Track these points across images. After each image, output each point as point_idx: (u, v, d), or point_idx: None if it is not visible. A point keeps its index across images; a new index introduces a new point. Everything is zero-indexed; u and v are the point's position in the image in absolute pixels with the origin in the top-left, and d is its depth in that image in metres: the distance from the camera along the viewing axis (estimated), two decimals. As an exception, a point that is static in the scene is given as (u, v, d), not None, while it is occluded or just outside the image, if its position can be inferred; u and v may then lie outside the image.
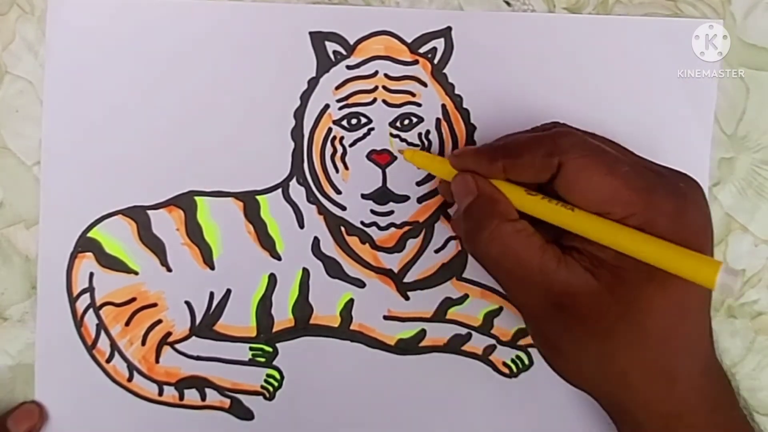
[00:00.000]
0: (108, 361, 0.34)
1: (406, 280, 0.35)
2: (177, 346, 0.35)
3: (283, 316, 0.35)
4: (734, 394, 0.30)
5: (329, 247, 0.35)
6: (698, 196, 0.28)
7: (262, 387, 0.35)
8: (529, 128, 0.32)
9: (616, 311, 0.27)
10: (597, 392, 0.29)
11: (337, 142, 0.34)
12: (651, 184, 0.27)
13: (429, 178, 0.34)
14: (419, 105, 0.34)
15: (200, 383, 0.35)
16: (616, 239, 0.26)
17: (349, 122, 0.34)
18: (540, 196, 0.28)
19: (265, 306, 0.35)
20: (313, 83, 0.34)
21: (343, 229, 0.35)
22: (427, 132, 0.34)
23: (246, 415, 0.35)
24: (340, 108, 0.34)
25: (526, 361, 0.35)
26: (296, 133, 0.34)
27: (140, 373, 0.34)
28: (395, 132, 0.34)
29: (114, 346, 0.34)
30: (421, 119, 0.34)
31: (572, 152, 0.27)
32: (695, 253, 0.25)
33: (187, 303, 0.35)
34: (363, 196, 0.34)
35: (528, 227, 0.28)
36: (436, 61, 0.34)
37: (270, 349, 0.35)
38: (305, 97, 0.34)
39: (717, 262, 0.25)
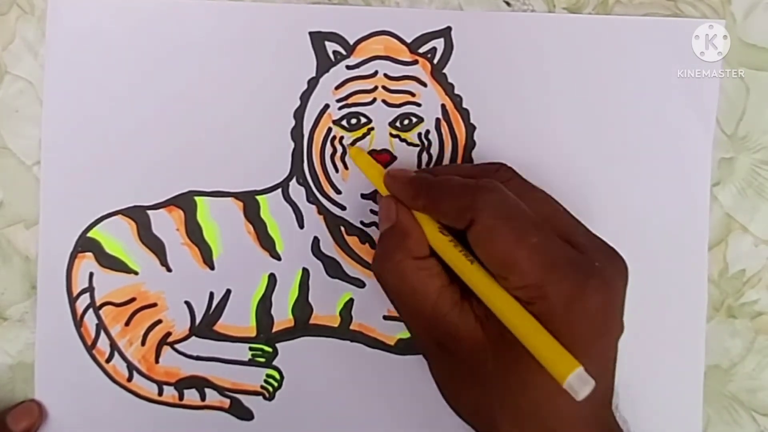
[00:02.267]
0: (108, 361, 0.34)
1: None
2: (177, 346, 0.35)
3: (282, 316, 0.35)
4: None
5: (329, 247, 0.35)
6: (612, 275, 0.27)
7: (262, 387, 0.35)
8: (476, 163, 0.33)
9: (494, 367, 0.27)
10: (477, 430, 0.29)
11: (336, 142, 0.34)
12: (555, 260, 0.26)
13: (429, 178, 0.34)
14: (419, 105, 0.34)
15: (200, 383, 0.35)
16: (495, 305, 0.26)
17: (348, 122, 0.34)
18: (449, 238, 0.28)
19: (264, 306, 0.35)
20: (313, 83, 0.34)
21: (343, 228, 0.35)
22: (427, 132, 0.34)
23: (246, 415, 0.35)
24: (340, 108, 0.34)
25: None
26: (296, 133, 0.34)
27: (140, 373, 0.34)
28: (395, 132, 0.34)
29: (114, 346, 0.34)
30: (420, 119, 0.34)
31: (485, 212, 0.27)
32: (557, 347, 0.25)
33: (187, 303, 0.35)
34: (363, 196, 0.34)
35: (434, 266, 0.28)
36: (435, 61, 0.34)
37: (270, 349, 0.35)
38: (305, 97, 0.34)
39: (574, 363, 0.24)
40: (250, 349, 0.35)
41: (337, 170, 0.34)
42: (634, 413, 0.35)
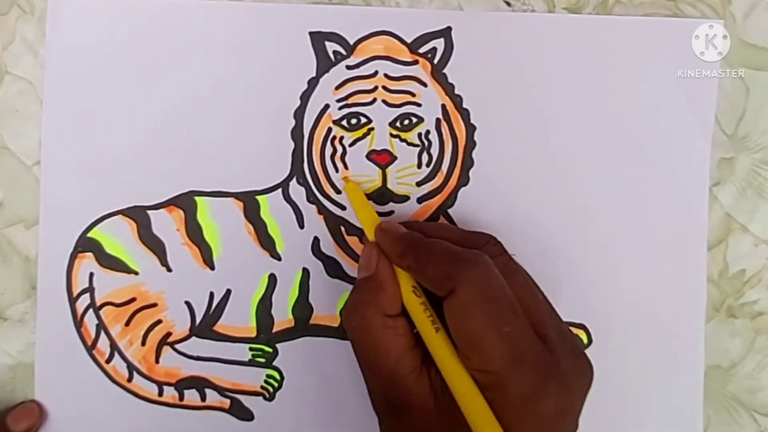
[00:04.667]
0: (108, 361, 0.34)
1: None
2: (177, 346, 0.35)
3: (283, 316, 0.35)
4: None
5: (329, 247, 0.35)
6: (573, 384, 0.27)
7: (262, 387, 0.35)
8: (466, 230, 0.32)
9: None
10: None
11: (337, 142, 0.34)
12: (522, 355, 0.26)
13: (429, 178, 0.34)
14: (419, 105, 0.34)
15: (200, 383, 0.35)
16: (450, 377, 0.26)
17: (348, 122, 0.34)
18: (421, 300, 0.28)
19: (265, 306, 0.35)
20: (313, 83, 0.34)
21: (343, 228, 0.35)
22: (427, 132, 0.34)
23: (246, 415, 0.35)
24: (340, 108, 0.34)
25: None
26: (296, 133, 0.34)
27: (140, 373, 0.34)
28: (395, 132, 0.34)
29: (114, 347, 0.34)
30: (421, 119, 0.34)
31: (466, 286, 0.26)
32: None
33: (187, 303, 0.35)
34: (363, 196, 0.34)
35: (401, 327, 0.28)
36: (436, 61, 0.34)
37: (270, 350, 0.35)
38: (305, 97, 0.34)
39: None
40: (251, 349, 0.35)
41: (337, 170, 0.34)
42: (634, 413, 0.35)
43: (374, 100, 0.34)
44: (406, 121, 0.34)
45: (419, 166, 0.34)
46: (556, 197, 0.35)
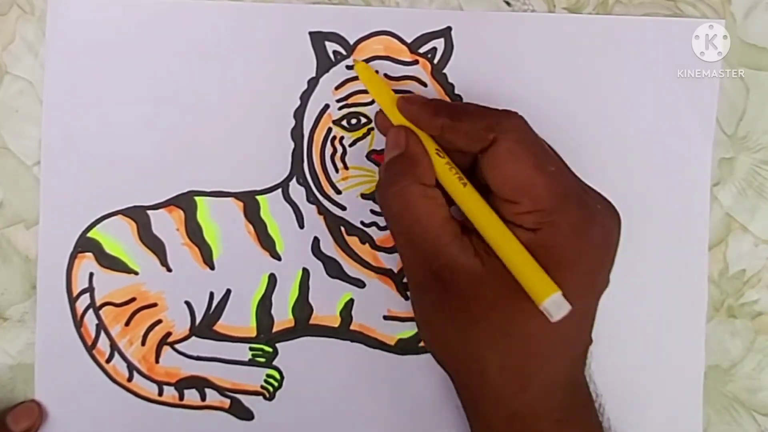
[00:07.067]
0: (108, 361, 0.34)
1: (406, 280, 0.35)
2: (177, 346, 0.35)
3: (283, 316, 0.35)
4: (593, 415, 0.30)
5: (329, 247, 0.35)
6: (610, 222, 0.29)
7: (262, 387, 0.35)
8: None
9: (489, 301, 0.27)
10: (455, 373, 0.30)
11: (337, 142, 0.34)
12: (568, 191, 0.28)
13: (429, 178, 0.34)
14: (419, 105, 0.34)
15: (200, 383, 0.35)
16: (483, 227, 0.27)
17: (348, 122, 0.34)
18: (446, 160, 0.29)
19: (265, 306, 0.35)
20: (313, 83, 0.34)
21: (343, 229, 0.35)
22: (427, 132, 0.34)
23: (246, 415, 0.35)
24: (340, 108, 0.34)
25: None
26: (296, 133, 0.34)
27: (140, 373, 0.34)
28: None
29: (114, 346, 0.34)
30: (421, 119, 0.34)
31: (510, 134, 0.28)
32: (540, 271, 0.26)
33: (187, 303, 0.35)
34: (363, 196, 0.34)
35: (439, 197, 0.29)
36: (436, 61, 0.34)
37: (270, 350, 0.35)
38: (305, 97, 0.34)
39: (554, 288, 0.26)
40: (251, 349, 0.35)
41: (337, 170, 0.34)
42: (634, 413, 0.35)
43: (374, 100, 0.34)
44: (406, 121, 0.34)
45: (419, 166, 0.34)
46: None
